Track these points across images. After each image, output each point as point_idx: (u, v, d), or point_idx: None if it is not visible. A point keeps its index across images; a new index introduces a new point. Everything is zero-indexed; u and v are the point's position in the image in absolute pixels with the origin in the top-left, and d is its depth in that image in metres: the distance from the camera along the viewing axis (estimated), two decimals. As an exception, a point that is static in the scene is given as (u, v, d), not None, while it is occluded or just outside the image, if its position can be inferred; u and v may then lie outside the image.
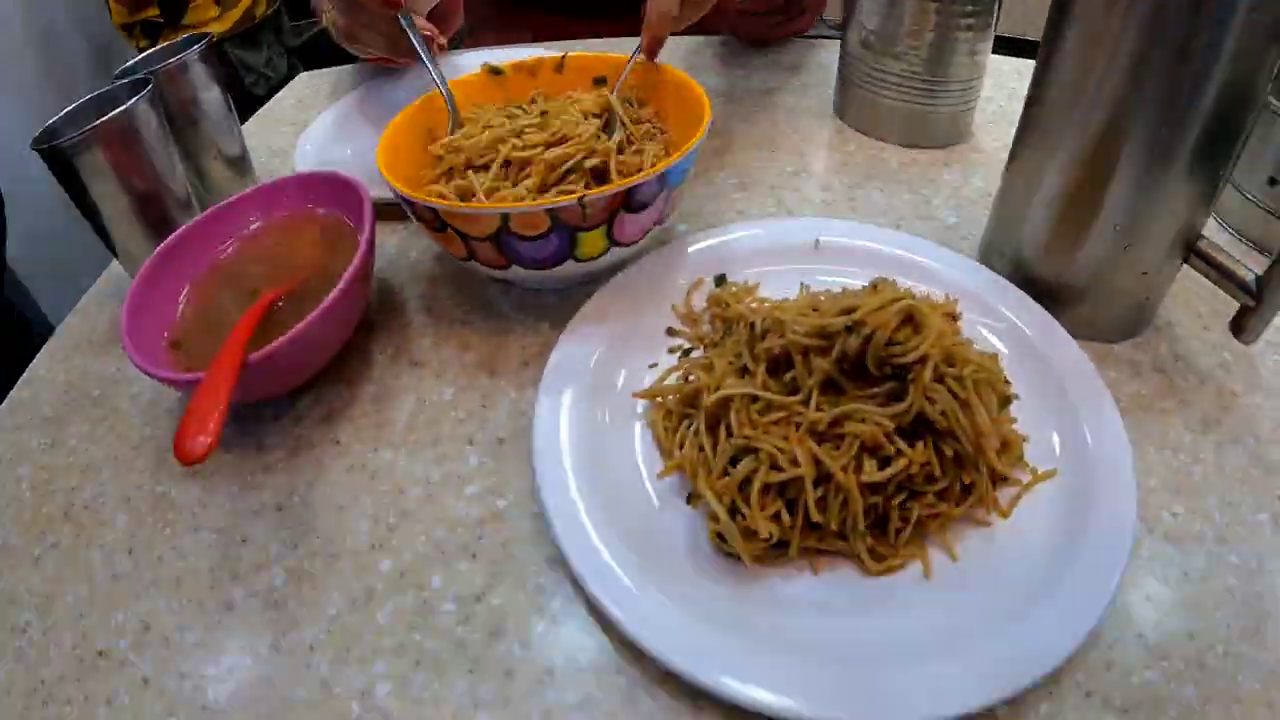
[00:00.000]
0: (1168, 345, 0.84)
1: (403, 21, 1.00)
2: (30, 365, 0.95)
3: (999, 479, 0.68)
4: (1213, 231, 0.96)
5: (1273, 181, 0.91)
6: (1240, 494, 0.71)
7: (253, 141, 1.17)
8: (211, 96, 1.06)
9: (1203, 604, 0.64)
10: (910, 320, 0.65)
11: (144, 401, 0.87)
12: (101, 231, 0.93)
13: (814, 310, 0.70)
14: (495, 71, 1.00)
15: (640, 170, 0.85)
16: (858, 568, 0.65)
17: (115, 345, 0.95)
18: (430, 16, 1.20)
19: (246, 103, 1.31)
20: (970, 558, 0.65)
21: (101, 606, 0.69)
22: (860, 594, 0.63)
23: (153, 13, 2.51)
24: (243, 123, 1.16)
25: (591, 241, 0.79)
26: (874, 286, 0.71)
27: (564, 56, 1.01)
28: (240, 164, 1.14)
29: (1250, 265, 0.74)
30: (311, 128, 1.21)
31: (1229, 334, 0.77)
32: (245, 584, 0.69)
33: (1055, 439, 0.72)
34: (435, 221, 0.78)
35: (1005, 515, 0.67)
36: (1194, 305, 0.87)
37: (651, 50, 0.95)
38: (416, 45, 1.00)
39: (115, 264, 1.03)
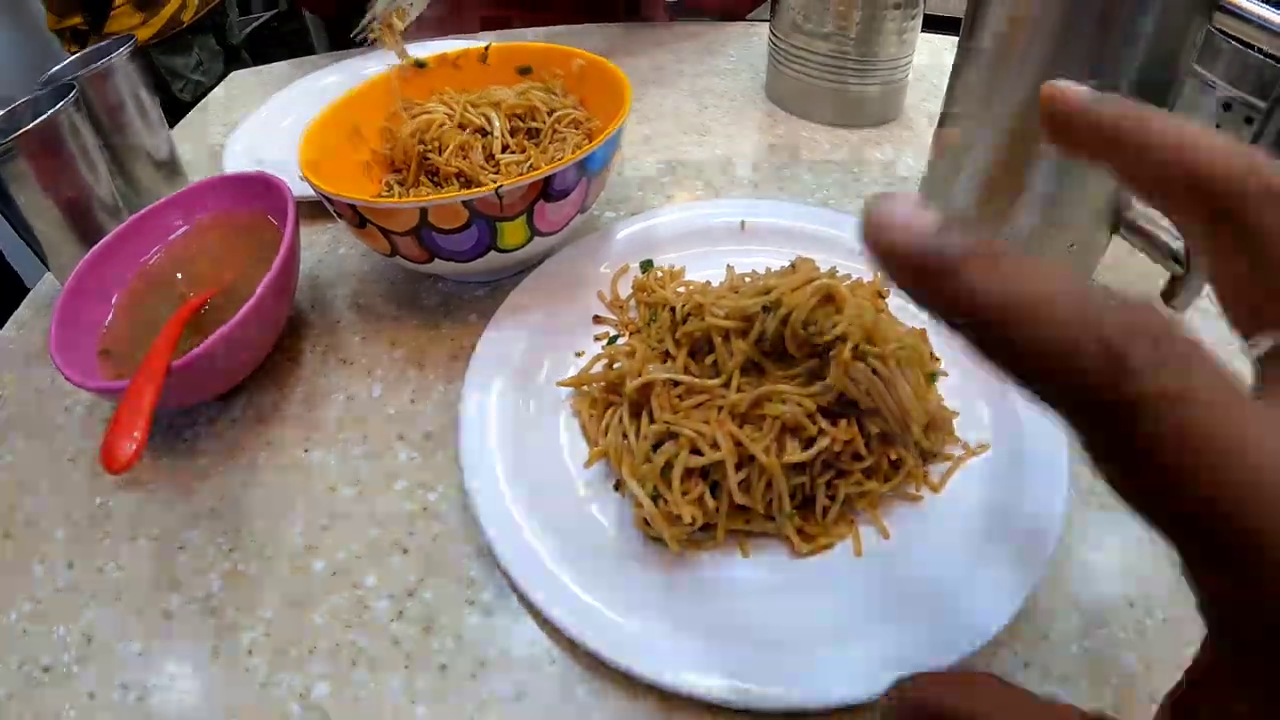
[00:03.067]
0: None
1: None
2: None
3: (930, 455, 0.69)
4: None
5: None
6: None
7: (184, 144, 1.16)
8: (138, 100, 1.06)
9: (1140, 570, 0.64)
10: (830, 299, 0.65)
11: (79, 413, 0.86)
12: (32, 241, 0.92)
13: (735, 292, 0.70)
14: (419, 65, 1.00)
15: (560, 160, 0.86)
16: (788, 548, 0.65)
17: (48, 357, 0.94)
18: None
19: (174, 109, 1.30)
20: (903, 534, 0.65)
21: (46, 621, 0.69)
22: (792, 574, 0.64)
23: (77, 20, 2.50)
24: (171, 127, 1.15)
25: (513, 232, 0.79)
26: (793, 266, 0.71)
27: (487, 47, 1.01)
28: (170, 167, 1.13)
29: (1179, 234, 0.75)
30: (241, 127, 1.21)
31: (1161, 303, 0.77)
32: (184, 591, 0.69)
33: (987, 412, 0.72)
34: (356, 218, 0.78)
35: (936, 490, 0.68)
36: (1126, 276, 0.87)
37: None
38: None
39: (49, 276, 1.02)
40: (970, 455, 0.70)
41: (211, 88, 1.50)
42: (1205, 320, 0.82)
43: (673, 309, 0.72)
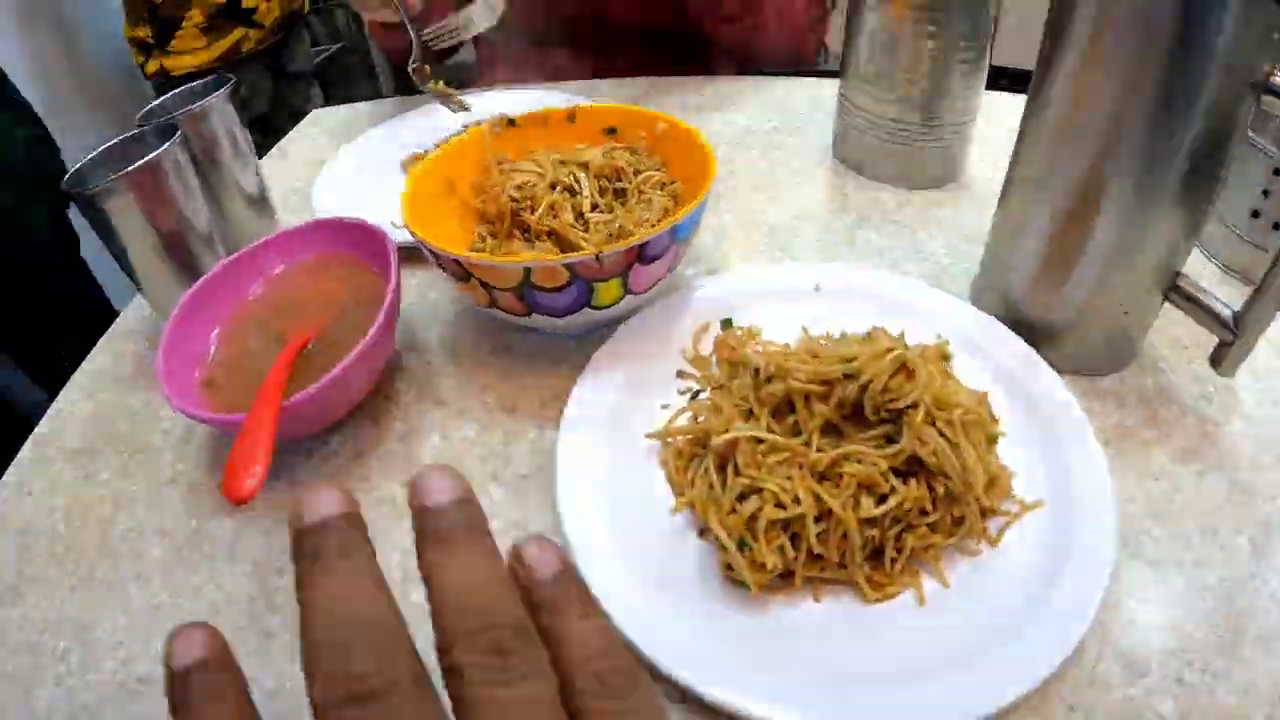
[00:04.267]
0: (1151, 378, 0.87)
1: None
2: (56, 399, 0.97)
3: (988, 511, 0.73)
4: (1198, 263, 1.00)
5: (1255, 214, 0.94)
6: (1219, 519, 0.74)
7: (268, 178, 1.20)
8: (233, 138, 1.10)
9: (1181, 623, 0.67)
10: (903, 368, 0.70)
11: (175, 437, 0.90)
12: (128, 269, 0.96)
13: (814, 357, 0.74)
14: (510, 122, 1.04)
15: (647, 221, 0.90)
16: (857, 595, 0.69)
17: (143, 379, 0.98)
18: None
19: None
20: (961, 584, 0.69)
21: (140, 635, 0.72)
22: (858, 619, 0.68)
23: (145, 33, 2.55)
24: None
25: (607, 291, 0.83)
26: (869, 336, 0.76)
27: (576, 108, 1.05)
28: (260, 202, 1.17)
29: (1230, 300, 0.78)
30: (327, 169, 1.25)
31: (1209, 367, 0.81)
32: (284, 614, 0.73)
33: (1041, 470, 0.76)
34: (460, 272, 0.82)
35: (994, 544, 0.71)
36: (1178, 338, 0.90)
37: None
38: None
39: (139, 300, 1.06)
40: (1025, 511, 0.73)
41: (259, 114, 1.54)
42: (1255, 380, 0.86)
43: (756, 369, 0.76)
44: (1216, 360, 0.80)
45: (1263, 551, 0.72)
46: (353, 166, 1.27)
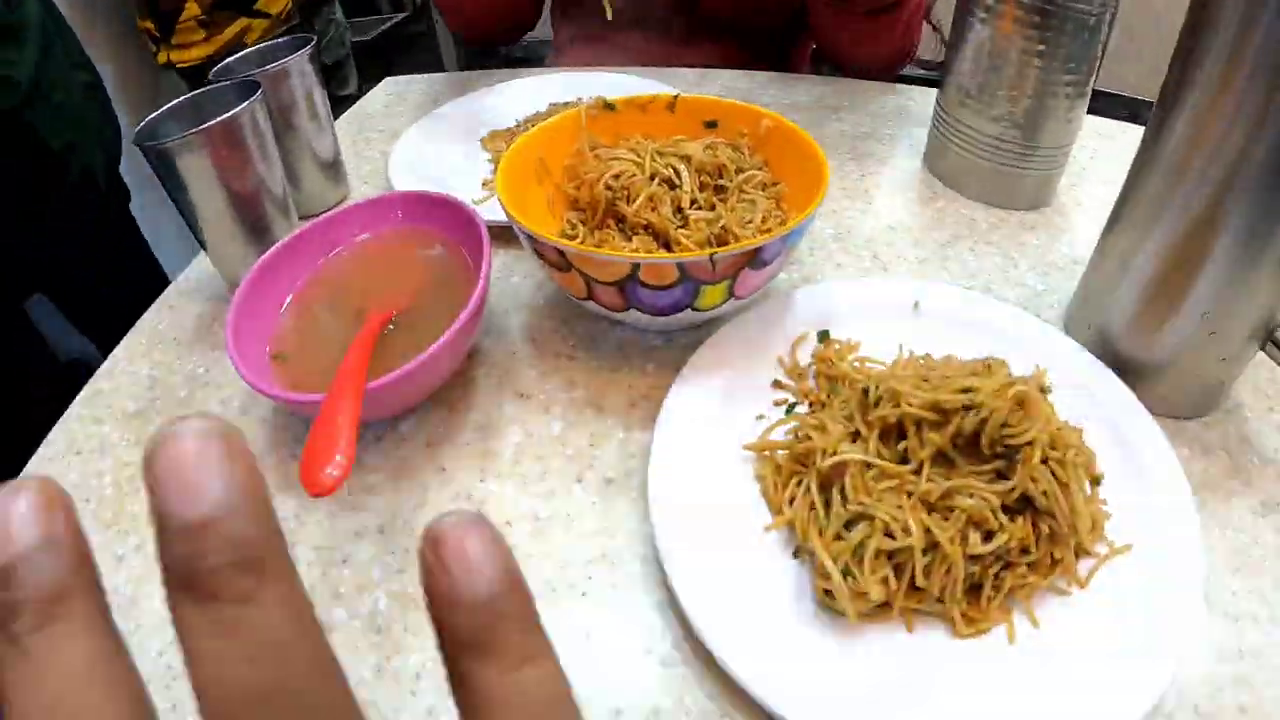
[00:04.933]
0: (1235, 426, 0.85)
1: None
2: (110, 356, 0.95)
3: (1080, 552, 0.70)
4: None
5: None
6: None
7: (342, 145, 1.18)
8: (310, 101, 1.08)
9: (1254, 681, 0.65)
10: (1021, 404, 0.68)
11: (235, 406, 0.88)
12: (196, 229, 0.94)
13: (925, 381, 0.72)
14: (608, 106, 1.01)
15: (750, 223, 0.87)
16: (948, 628, 0.67)
17: (202, 343, 0.95)
18: None
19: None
20: (1049, 624, 0.67)
21: (192, 614, 0.70)
22: (949, 653, 0.65)
23: (151, 25, 2.53)
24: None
25: (713, 294, 0.80)
26: (987, 366, 0.73)
27: (676, 97, 1.02)
28: (334, 169, 1.15)
29: None
30: (403, 139, 1.23)
31: None
32: (347, 605, 0.70)
33: (1131, 514, 0.73)
34: (561, 261, 0.79)
35: (1083, 586, 0.69)
36: (1263, 388, 0.88)
37: None
38: None
39: (202, 258, 1.03)
40: (1115, 554, 0.70)
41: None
42: None
43: (865, 390, 0.73)
44: None
45: None
46: (428, 140, 1.24)
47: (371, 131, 1.37)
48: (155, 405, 0.88)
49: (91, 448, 0.84)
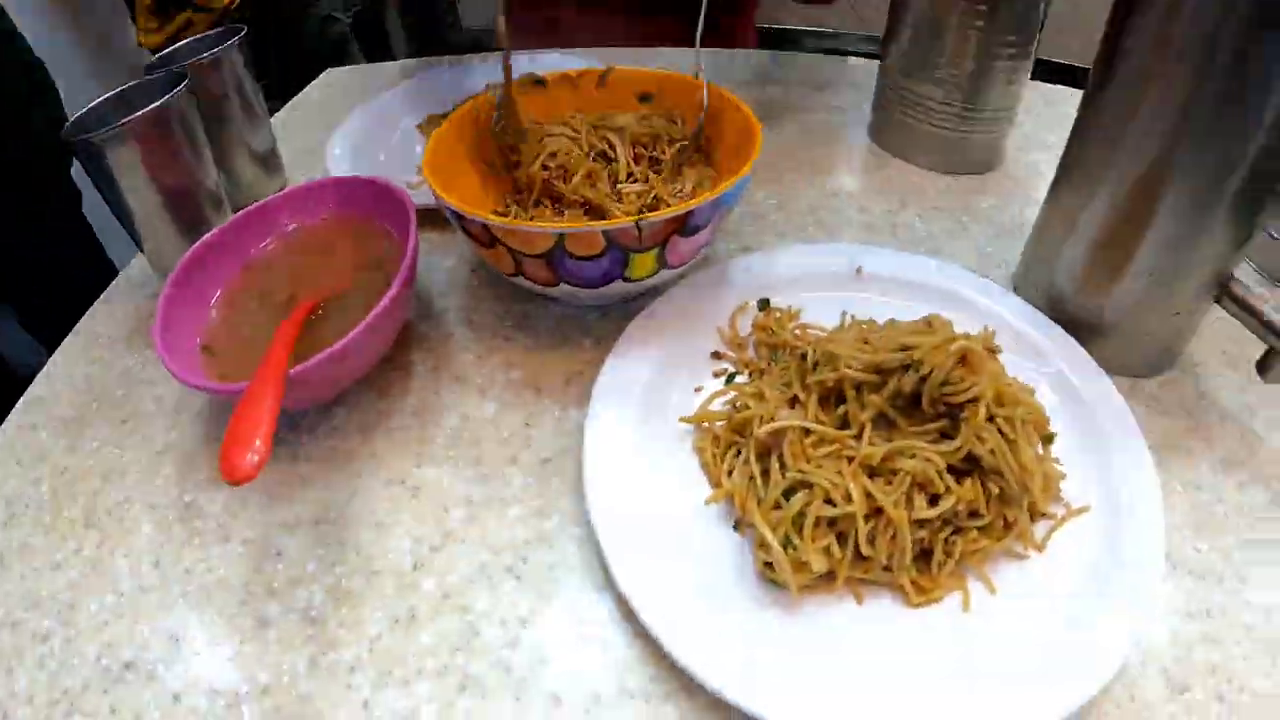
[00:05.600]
0: (1194, 384, 0.84)
1: None
2: (49, 362, 0.94)
3: (1036, 514, 0.69)
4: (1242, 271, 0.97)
5: None
6: (1261, 533, 0.72)
7: (281, 138, 1.17)
8: (242, 92, 1.06)
9: (1223, 639, 0.64)
10: (965, 360, 0.67)
11: (169, 404, 0.86)
12: (129, 225, 0.92)
13: (865, 343, 0.70)
14: (538, 81, 1.00)
15: (680, 190, 0.86)
16: (899, 598, 0.65)
17: (139, 341, 0.94)
18: None
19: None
20: (1007, 590, 0.66)
21: (128, 617, 0.69)
22: (901, 623, 0.64)
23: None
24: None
25: (643, 263, 0.78)
26: (928, 323, 0.71)
27: (608, 69, 1.01)
28: (270, 161, 1.14)
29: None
30: (341, 128, 1.21)
31: (1254, 375, 0.78)
32: (281, 600, 0.68)
33: (1087, 474, 0.72)
34: (486, 237, 0.78)
35: (1040, 549, 0.68)
36: (1220, 345, 0.87)
37: None
38: None
39: (139, 258, 1.02)
40: (1072, 516, 0.70)
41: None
42: None
43: (803, 355, 0.72)
44: (1264, 368, 0.77)
45: None
46: (366, 128, 1.23)
47: (311, 123, 1.36)
48: (92, 409, 0.87)
49: (29, 455, 0.83)
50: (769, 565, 0.64)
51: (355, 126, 1.22)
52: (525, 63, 1.27)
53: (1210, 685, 0.61)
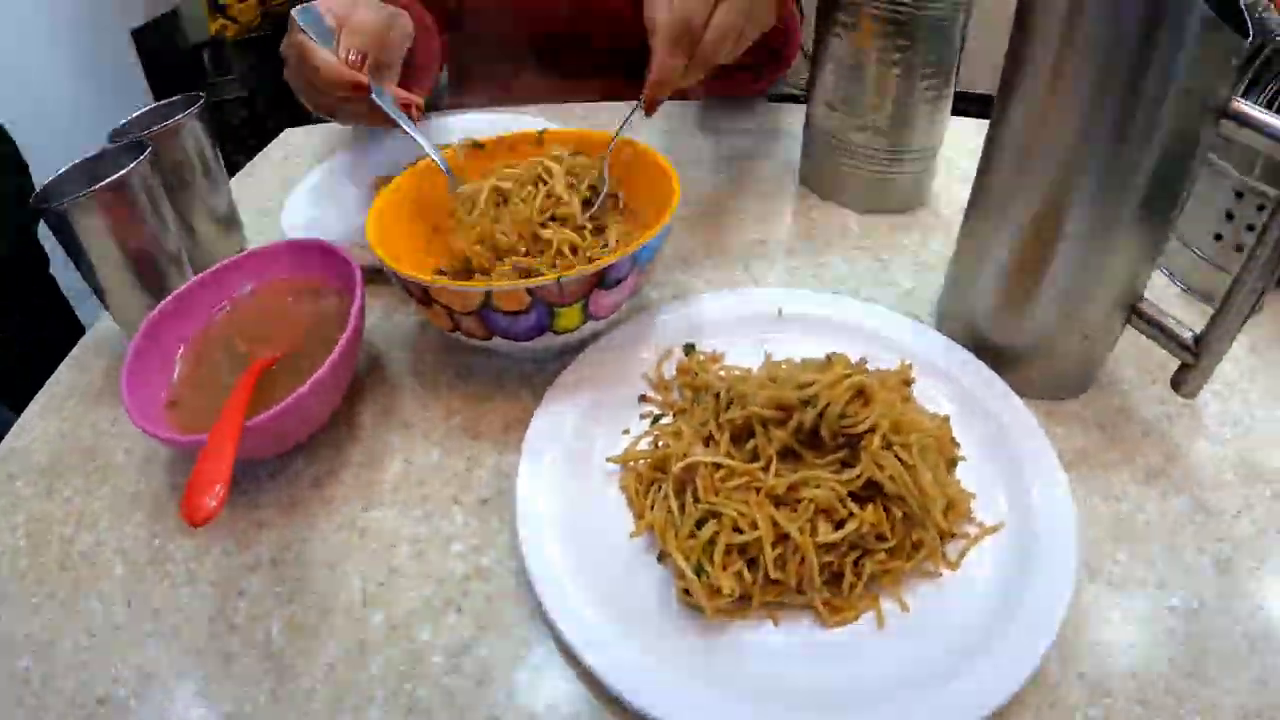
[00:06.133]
0: (1115, 400, 0.89)
1: (375, 98, 1.03)
2: (24, 413, 0.97)
3: (947, 535, 0.74)
4: (1162, 284, 1.02)
5: (1218, 236, 0.97)
6: (1182, 539, 0.76)
7: (239, 197, 1.21)
8: (203, 157, 1.10)
9: (1144, 645, 0.69)
10: (861, 394, 0.72)
11: (138, 456, 0.90)
12: (95, 287, 0.96)
13: (773, 381, 0.76)
14: (477, 145, 1.05)
15: (605, 245, 0.92)
16: (816, 619, 0.70)
17: (108, 397, 0.98)
18: (404, 72, 1.21)
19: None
20: (921, 607, 0.70)
21: (101, 654, 0.72)
22: (819, 643, 0.69)
23: None
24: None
25: (569, 316, 0.83)
26: (829, 360, 0.77)
27: (543, 132, 1.06)
28: (229, 222, 1.17)
29: (1194, 322, 0.79)
30: (297, 190, 1.24)
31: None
32: (242, 635, 0.73)
33: (1002, 494, 0.77)
34: (423, 296, 0.83)
35: (954, 567, 0.73)
36: (1140, 360, 0.92)
37: (651, 107, 0.95)
38: (396, 118, 1.04)
39: (106, 317, 1.05)
40: (985, 534, 0.75)
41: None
42: (1217, 399, 0.89)
43: (716, 394, 0.78)
44: (1178, 383, 0.82)
45: (1225, 570, 0.74)
46: (322, 188, 1.26)
47: (270, 182, 1.40)
48: (65, 459, 0.90)
49: (4, 504, 0.86)
50: (687, 592, 0.69)
51: (310, 186, 1.25)
52: (478, 121, 1.32)
53: (1132, 689, 0.66)
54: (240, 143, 3.24)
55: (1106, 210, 0.75)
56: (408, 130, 1.02)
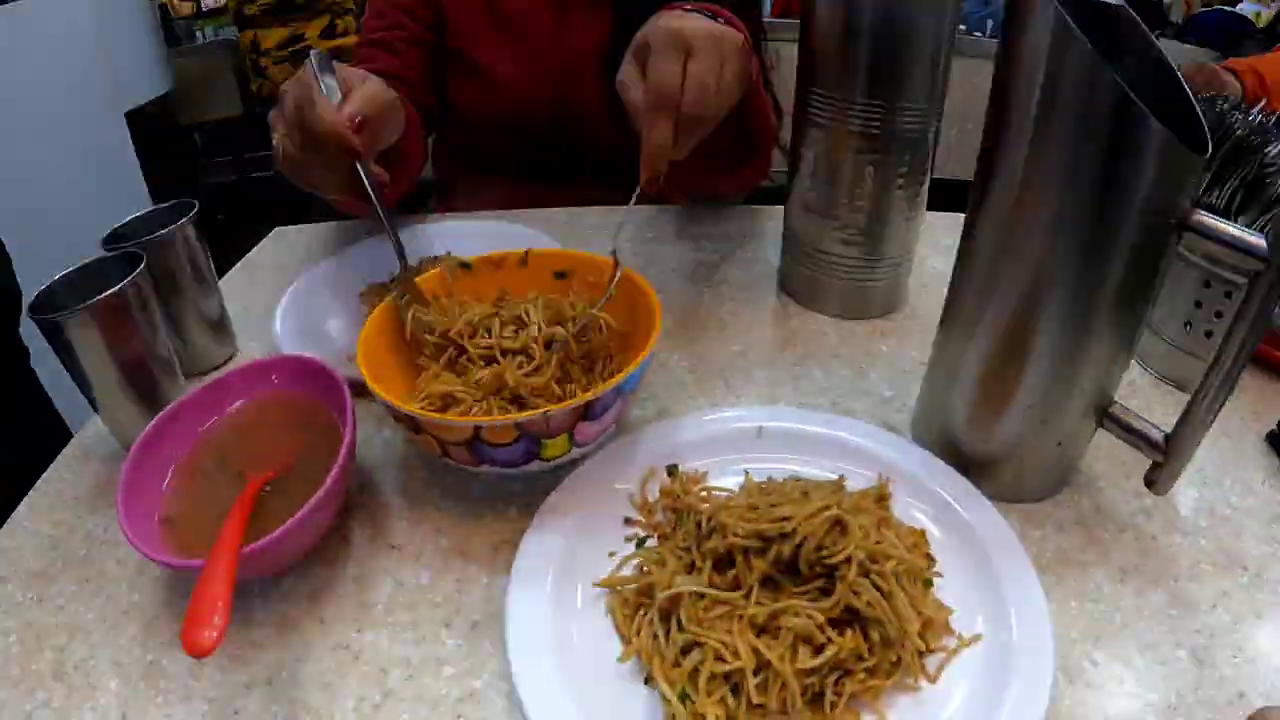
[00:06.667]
0: (1089, 498, 0.92)
1: (359, 166, 1.02)
2: (13, 515, 0.98)
3: (926, 650, 0.76)
4: (1134, 372, 1.06)
5: (1188, 324, 1.01)
6: (1159, 634, 0.79)
7: (229, 298, 1.23)
8: (195, 265, 1.13)
9: None
10: (839, 524, 0.75)
11: (131, 567, 0.91)
12: (89, 395, 0.98)
13: (753, 510, 0.78)
14: (464, 265, 1.07)
15: (590, 370, 0.96)
16: None
17: (100, 502, 0.99)
18: (385, 159, 1.18)
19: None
20: None
21: (101, 767, 0.73)
22: None
23: None
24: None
25: (555, 446, 0.86)
26: (805, 494, 0.80)
27: (527, 252, 1.08)
28: (220, 326, 1.20)
29: (1165, 407, 0.84)
30: (287, 296, 1.26)
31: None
32: (239, 757, 0.74)
33: (979, 605, 0.80)
34: (413, 425, 0.85)
35: (933, 681, 0.75)
36: (1115, 454, 0.94)
37: (651, 183, 0.97)
38: (370, 191, 1.02)
39: (95, 419, 1.07)
40: (963, 646, 0.77)
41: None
42: (1191, 488, 0.92)
43: (699, 523, 0.81)
44: (1151, 481, 0.85)
45: (1203, 662, 0.76)
46: (312, 295, 1.28)
47: (261, 284, 1.41)
48: (58, 565, 0.91)
49: (-2, 608, 0.87)
50: (674, 717, 0.71)
51: (301, 293, 1.27)
52: (464, 227, 1.35)
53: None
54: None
55: (1075, 321, 0.79)
56: (379, 210, 1.02)
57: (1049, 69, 0.71)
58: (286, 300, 1.25)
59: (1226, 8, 4.86)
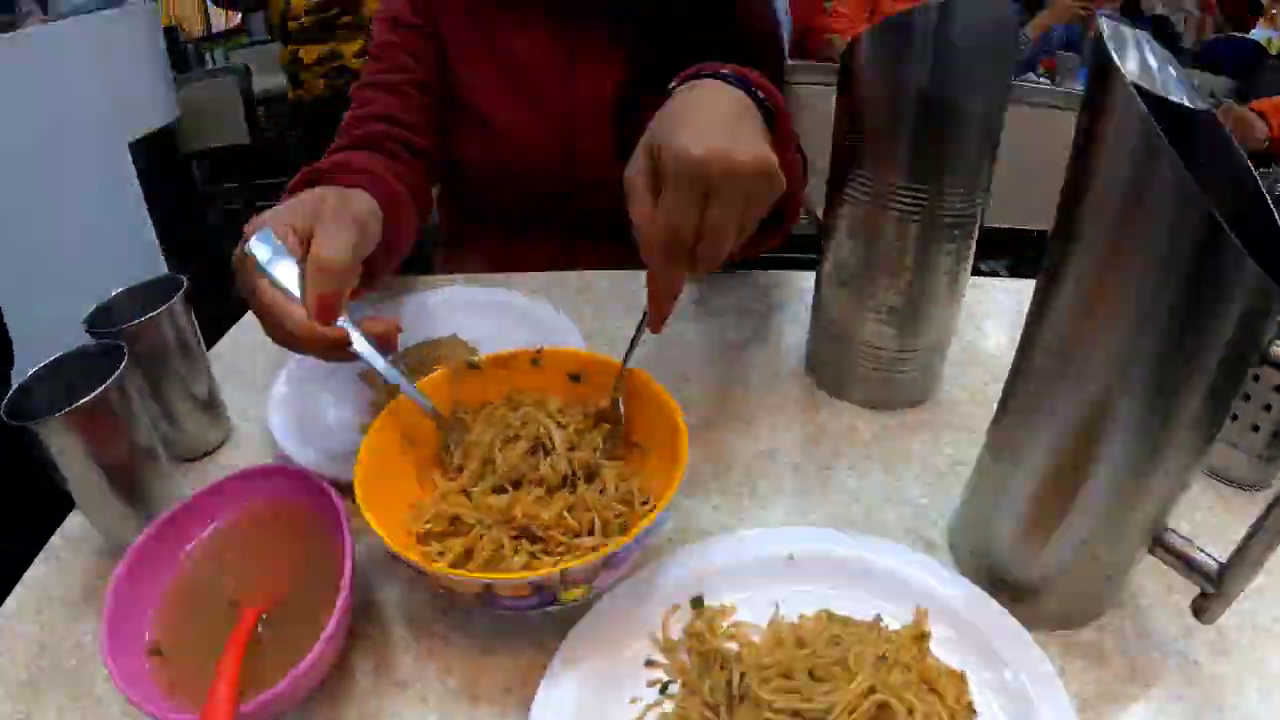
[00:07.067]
0: (1131, 621, 0.87)
1: (353, 349, 0.90)
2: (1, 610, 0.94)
3: None
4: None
5: (1254, 428, 0.97)
6: None
7: (220, 371, 1.19)
8: (185, 343, 1.08)
9: None
10: (883, 708, 0.70)
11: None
12: (68, 494, 0.94)
13: (787, 680, 0.74)
14: (471, 365, 1.02)
15: (602, 492, 0.91)
16: None
17: (87, 607, 0.94)
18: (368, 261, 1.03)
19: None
20: None
21: None
22: None
23: None
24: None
25: (573, 594, 0.81)
26: (848, 665, 0.74)
27: (540, 350, 1.03)
28: (210, 405, 1.15)
29: (1218, 515, 0.82)
30: (283, 373, 1.22)
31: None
32: None
33: None
34: (419, 570, 0.80)
35: None
36: (1162, 570, 0.86)
37: (657, 324, 0.93)
38: (374, 365, 0.91)
39: (77, 513, 1.04)
40: None
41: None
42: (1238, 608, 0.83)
43: (729, 682, 0.76)
44: (1199, 610, 0.80)
45: None
46: (306, 374, 1.23)
47: (255, 353, 1.37)
48: (46, 675, 0.87)
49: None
50: None
51: (298, 377, 1.22)
52: (469, 298, 1.31)
53: None
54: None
55: (1139, 456, 0.74)
56: (386, 377, 0.92)
57: (1133, 176, 0.65)
58: (281, 378, 1.21)
59: (1239, 34, 4.89)
